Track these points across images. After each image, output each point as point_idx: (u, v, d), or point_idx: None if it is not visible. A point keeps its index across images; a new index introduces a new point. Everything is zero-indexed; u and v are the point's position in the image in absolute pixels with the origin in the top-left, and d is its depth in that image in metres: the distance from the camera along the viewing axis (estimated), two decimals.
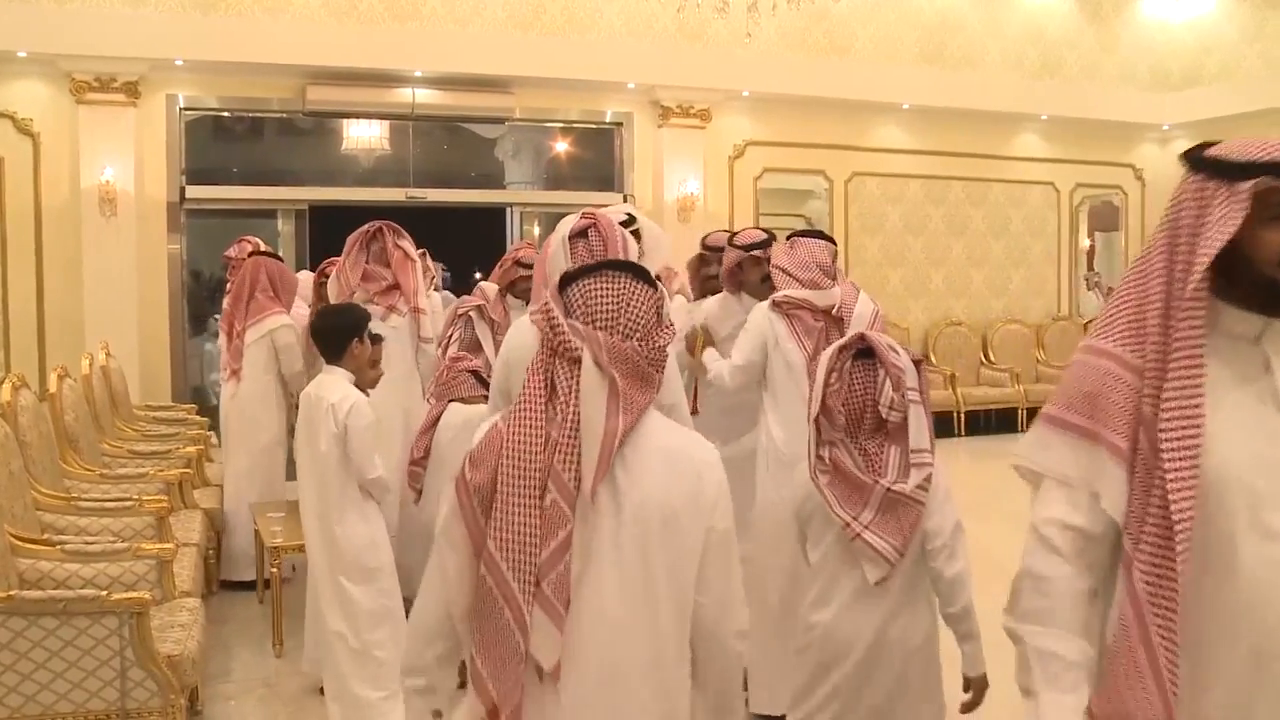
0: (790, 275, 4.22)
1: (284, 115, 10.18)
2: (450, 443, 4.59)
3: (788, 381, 4.14)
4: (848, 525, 2.73)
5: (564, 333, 1.94)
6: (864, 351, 2.80)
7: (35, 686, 3.53)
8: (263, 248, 6.69)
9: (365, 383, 4.19)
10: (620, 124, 11.06)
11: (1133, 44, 13.11)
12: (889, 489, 2.71)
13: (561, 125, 11.27)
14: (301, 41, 9.46)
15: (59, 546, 4.16)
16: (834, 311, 4.19)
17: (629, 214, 3.40)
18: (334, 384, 4.07)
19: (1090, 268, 13.60)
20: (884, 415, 2.76)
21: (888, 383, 2.76)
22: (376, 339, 4.20)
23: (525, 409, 1.90)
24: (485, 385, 4.60)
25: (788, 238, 4.38)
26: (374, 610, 4.06)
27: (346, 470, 4.03)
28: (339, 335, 4.12)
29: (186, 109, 9.66)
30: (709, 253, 5.33)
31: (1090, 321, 12.93)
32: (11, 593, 3.61)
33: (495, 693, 1.84)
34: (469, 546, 1.87)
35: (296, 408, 4.36)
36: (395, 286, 5.62)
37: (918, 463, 2.74)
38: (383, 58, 9.71)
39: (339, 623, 4.07)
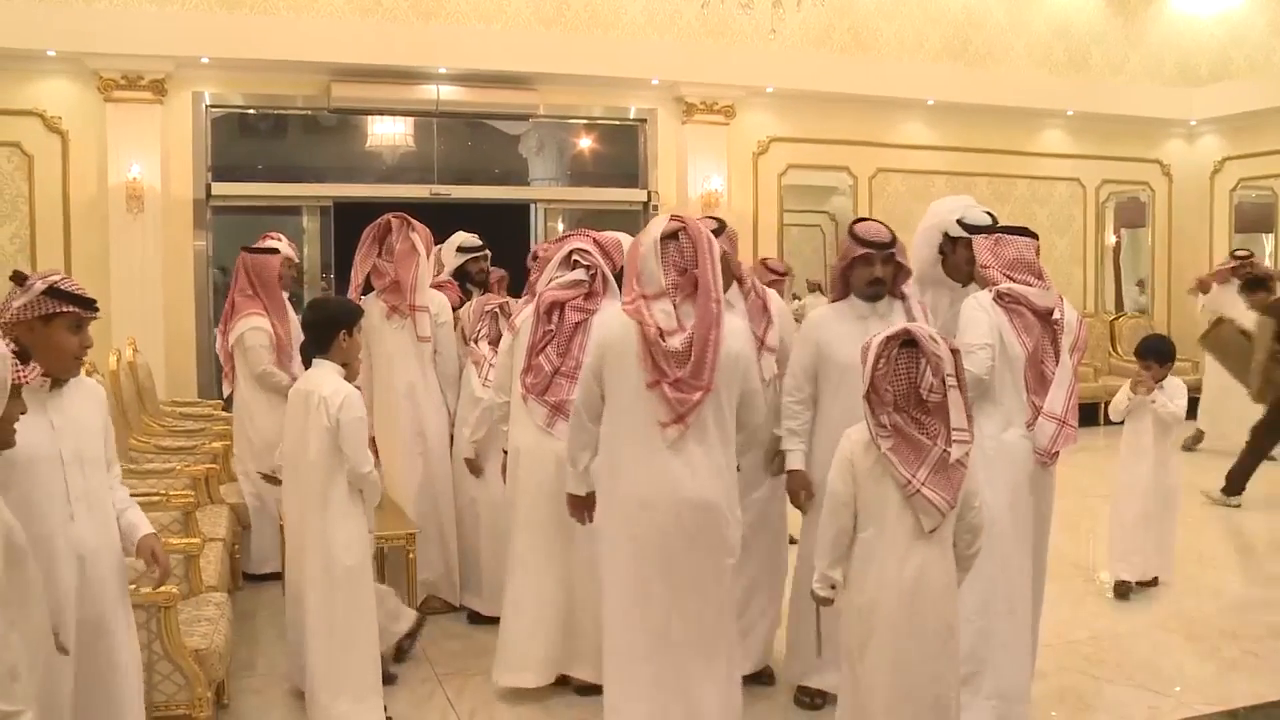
0: (1002, 274, 4.06)
1: (309, 112, 10.23)
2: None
3: (1005, 374, 3.98)
4: (909, 483, 3.12)
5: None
6: (909, 341, 3.17)
7: None
8: (254, 244, 6.38)
9: (351, 375, 4.20)
10: (644, 120, 11.04)
11: (1160, 38, 13.00)
12: (945, 449, 3.13)
13: (585, 122, 11.27)
14: (326, 39, 9.51)
15: None
16: (1052, 315, 4.07)
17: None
18: (324, 377, 4.04)
19: (1116, 265, 13.50)
20: (924, 397, 3.14)
21: (928, 369, 3.13)
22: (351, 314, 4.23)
23: None
24: None
25: (991, 232, 4.19)
26: (346, 614, 4.05)
27: (335, 466, 4.00)
28: (326, 328, 4.10)
29: (212, 106, 9.72)
30: None
31: (1118, 318, 12.86)
32: None
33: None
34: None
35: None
36: (397, 282, 5.53)
37: (959, 439, 3.15)
38: (407, 55, 9.74)
39: (310, 628, 4.07)
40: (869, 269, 4.10)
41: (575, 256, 4.51)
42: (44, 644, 2.80)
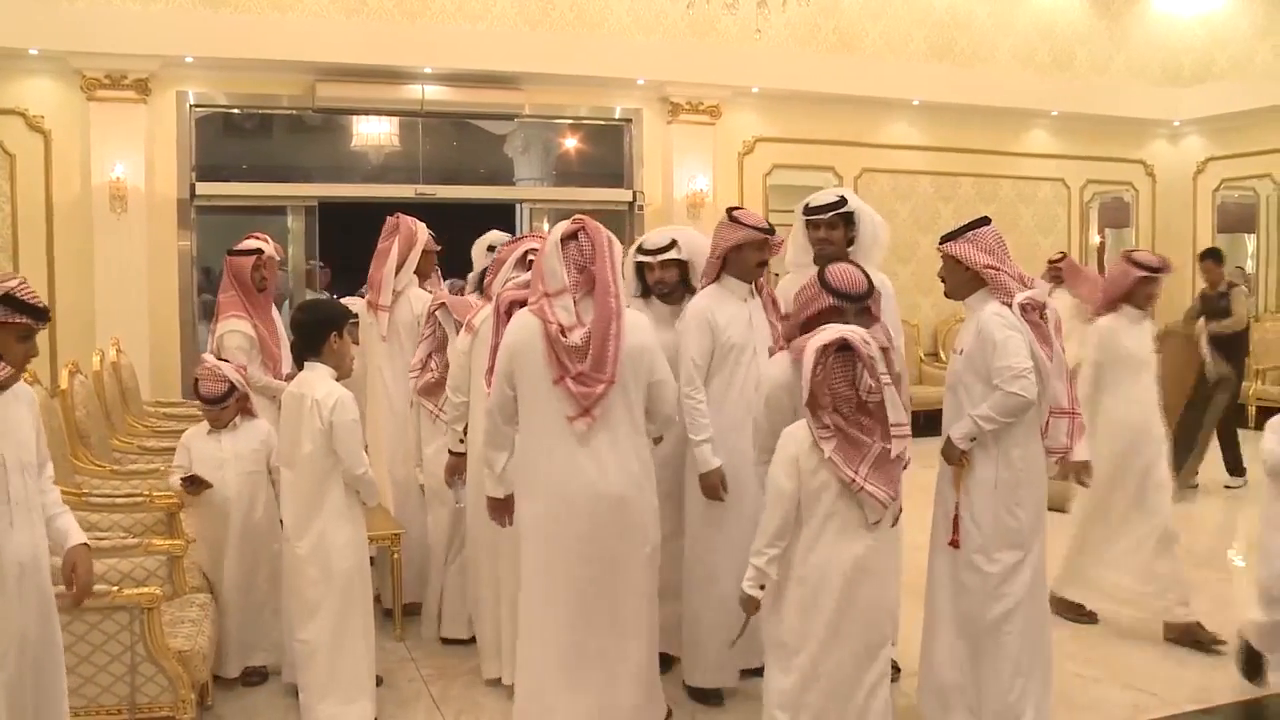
0: (1006, 273, 3.89)
1: (294, 112, 10.21)
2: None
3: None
4: (853, 480, 3.24)
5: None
6: (843, 346, 3.25)
7: None
8: (237, 244, 6.09)
9: (343, 374, 4.19)
10: (630, 120, 11.05)
11: (1144, 39, 13.06)
12: (884, 447, 3.26)
13: (571, 121, 11.27)
14: (311, 38, 9.49)
15: None
16: (1046, 307, 3.89)
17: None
18: (316, 380, 4.05)
19: (1100, 265, 13.54)
20: (864, 399, 3.25)
21: (864, 372, 3.23)
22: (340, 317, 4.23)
23: None
24: None
25: (955, 233, 4.13)
26: (340, 616, 4.05)
27: (330, 468, 4.01)
28: (316, 330, 4.11)
29: (196, 106, 9.69)
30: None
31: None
32: None
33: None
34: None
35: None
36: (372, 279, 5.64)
37: (898, 434, 3.29)
38: (392, 54, 9.72)
39: (305, 630, 4.07)
40: (840, 319, 3.47)
41: (531, 257, 4.54)
42: (15, 637, 2.78)
